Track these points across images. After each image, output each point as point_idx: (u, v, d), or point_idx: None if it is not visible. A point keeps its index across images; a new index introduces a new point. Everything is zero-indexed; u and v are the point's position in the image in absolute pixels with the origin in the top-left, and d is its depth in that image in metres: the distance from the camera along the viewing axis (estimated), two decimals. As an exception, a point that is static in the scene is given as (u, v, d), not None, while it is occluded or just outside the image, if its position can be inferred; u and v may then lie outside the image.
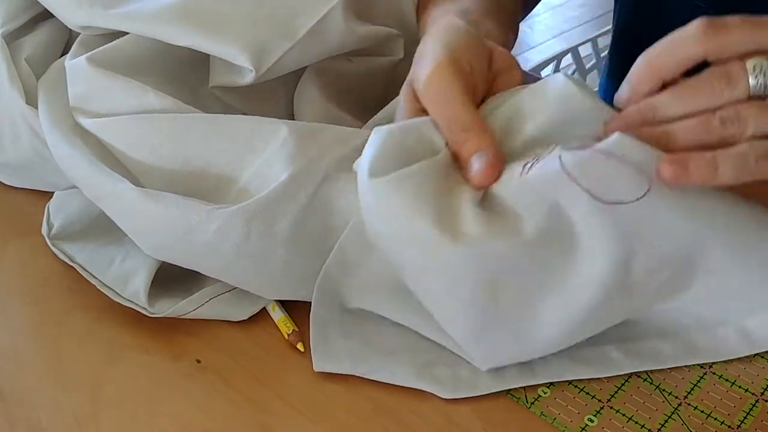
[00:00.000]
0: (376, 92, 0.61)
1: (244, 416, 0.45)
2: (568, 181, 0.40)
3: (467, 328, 0.44)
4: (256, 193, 0.46)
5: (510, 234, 0.41)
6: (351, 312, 0.49)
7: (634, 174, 0.40)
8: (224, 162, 0.48)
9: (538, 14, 2.81)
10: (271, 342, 0.49)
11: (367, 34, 0.57)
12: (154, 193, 0.47)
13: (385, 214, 0.42)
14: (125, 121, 0.50)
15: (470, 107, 0.44)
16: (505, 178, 0.43)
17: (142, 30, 0.53)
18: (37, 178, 0.60)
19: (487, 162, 0.43)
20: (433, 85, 0.45)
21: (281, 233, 0.46)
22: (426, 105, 0.45)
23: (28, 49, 0.59)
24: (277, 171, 0.46)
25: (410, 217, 0.41)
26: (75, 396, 0.47)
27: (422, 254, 0.42)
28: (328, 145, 0.48)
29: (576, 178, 0.40)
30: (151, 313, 0.49)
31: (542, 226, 0.41)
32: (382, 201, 0.42)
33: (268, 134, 0.48)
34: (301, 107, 0.57)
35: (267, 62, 0.52)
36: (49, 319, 0.52)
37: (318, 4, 0.54)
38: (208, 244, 0.46)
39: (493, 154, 0.43)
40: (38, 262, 0.54)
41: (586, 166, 0.40)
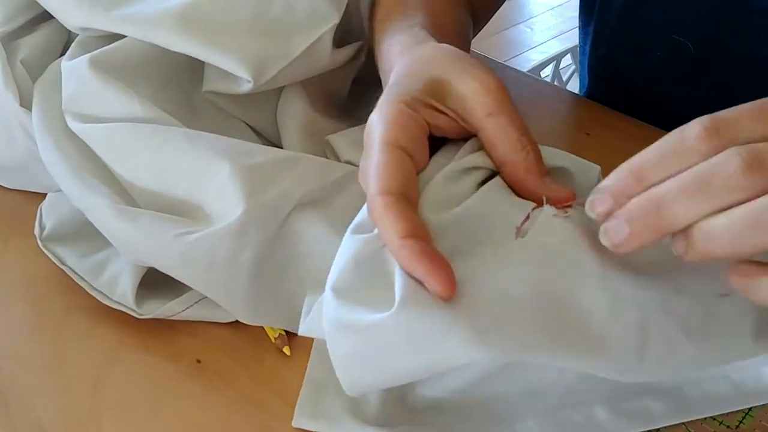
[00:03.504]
0: (346, 92, 0.62)
1: (243, 416, 0.45)
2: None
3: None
4: (217, 220, 0.46)
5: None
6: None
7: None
8: (189, 182, 0.48)
9: (538, 14, 2.81)
10: (271, 342, 0.49)
11: (346, 54, 0.59)
12: (128, 212, 0.48)
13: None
14: (109, 128, 0.50)
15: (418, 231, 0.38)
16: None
17: (142, 34, 0.53)
18: (31, 179, 0.60)
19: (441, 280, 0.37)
20: (378, 214, 0.39)
21: (246, 263, 0.46)
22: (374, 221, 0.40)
23: (25, 51, 0.59)
24: (233, 204, 0.46)
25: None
26: (75, 396, 0.47)
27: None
28: (305, 175, 0.48)
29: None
30: (140, 314, 0.49)
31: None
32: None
33: (209, 170, 0.48)
34: (285, 120, 0.58)
35: (265, 76, 0.53)
36: (49, 319, 0.52)
37: (314, 24, 0.55)
38: (176, 268, 0.47)
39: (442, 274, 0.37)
40: (38, 262, 0.54)
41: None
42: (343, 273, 0.39)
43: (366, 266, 0.39)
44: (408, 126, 0.42)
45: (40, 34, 0.61)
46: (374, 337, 0.37)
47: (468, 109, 0.44)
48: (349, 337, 0.38)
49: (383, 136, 0.41)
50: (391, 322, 0.36)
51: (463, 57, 0.47)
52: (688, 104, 0.69)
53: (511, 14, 2.78)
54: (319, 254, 0.48)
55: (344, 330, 0.38)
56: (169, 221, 0.47)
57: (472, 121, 0.44)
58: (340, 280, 0.39)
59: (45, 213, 0.57)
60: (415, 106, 0.43)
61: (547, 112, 0.49)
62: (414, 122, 0.43)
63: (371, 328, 0.37)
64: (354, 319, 0.37)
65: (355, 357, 0.38)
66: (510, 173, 0.43)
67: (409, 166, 0.41)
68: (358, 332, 0.37)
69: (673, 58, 0.68)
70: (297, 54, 0.54)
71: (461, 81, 0.44)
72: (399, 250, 0.37)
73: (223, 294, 0.48)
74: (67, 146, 0.52)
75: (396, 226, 0.38)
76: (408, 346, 0.36)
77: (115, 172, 0.51)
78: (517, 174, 0.43)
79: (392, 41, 0.52)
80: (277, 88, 0.57)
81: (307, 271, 0.48)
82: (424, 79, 0.45)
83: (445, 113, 0.44)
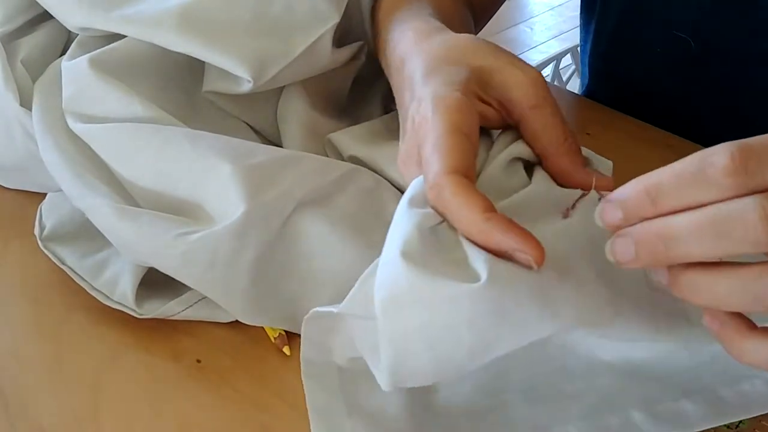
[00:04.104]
0: (346, 92, 0.62)
1: (244, 416, 0.45)
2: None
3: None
4: (218, 220, 0.46)
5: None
6: (349, 376, 0.44)
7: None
8: (190, 182, 0.48)
9: (538, 14, 2.81)
10: (271, 342, 0.49)
11: (346, 54, 0.58)
12: (129, 211, 0.48)
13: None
14: (110, 128, 0.50)
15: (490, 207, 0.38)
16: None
17: (142, 34, 0.53)
18: (31, 179, 0.60)
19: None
20: (448, 196, 0.38)
21: (247, 263, 0.46)
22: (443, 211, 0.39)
23: (25, 51, 0.59)
24: (234, 204, 0.46)
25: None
26: (75, 396, 0.47)
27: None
28: (305, 175, 0.48)
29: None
30: (140, 314, 0.49)
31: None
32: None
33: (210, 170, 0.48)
34: (285, 120, 0.58)
35: (265, 76, 0.53)
36: (49, 319, 0.52)
37: (314, 24, 0.55)
38: (177, 268, 0.47)
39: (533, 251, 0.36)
40: (38, 262, 0.54)
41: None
42: (409, 241, 0.37)
43: (428, 237, 0.38)
44: (469, 114, 0.42)
45: (40, 34, 0.61)
46: (455, 307, 0.35)
47: (512, 100, 0.44)
48: (419, 308, 0.35)
49: (448, 121, 0.41)
50: (480, 293, 0.35)
51: (499, 48, 0.47)
52: (689, 100, 0.69)
53: (511, 14, 2.78)
54: (321, 254, 0.48)
55: (413, 300, 0.35)
56: (170, 221, 0.47)
57: (515, 112, 0.44)
58: (409, 246, 0.37)
59: (45, 213, 0.57)
60: (468, 95, 0.43)
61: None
62: (472, 111, 0.42)
63: (455, 298, 0.35)
64: (433, 287, 0.35)
65: (419, 331, 0.35)
66: (554, 164, 0.43)
67: (472, 152, 0.41)
68: (435, 302, 0.35)
69: (673, 54, 0.68)
70: (297, 54, 0.54)
71: (505, 72, 0.44)
72: (484, 223, 0.36)
73: (224, 294, 0.48)
74: (67, 146, 0.52)
75: (475, 201, 0.37)
76: (491, 318, 0.35)
77: (116, 172, 0.51)
78: (561, 165, 0.43)
79: (405, 28, 0.52)
80: (277, 88, 0.57)
81: (308, 271, 0.48)
82: (467, 69, 0.45)
83: (489, 104, 0.44)
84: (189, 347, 0.49)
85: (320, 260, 0.48)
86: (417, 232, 0.37)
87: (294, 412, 0.45)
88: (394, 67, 0.52)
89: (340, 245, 0.48)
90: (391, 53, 0.53)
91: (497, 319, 0.35)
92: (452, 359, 0.36)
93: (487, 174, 0.43)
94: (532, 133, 0.44)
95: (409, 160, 0.43)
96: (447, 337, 0.35)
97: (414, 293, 0.35)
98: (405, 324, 0.36)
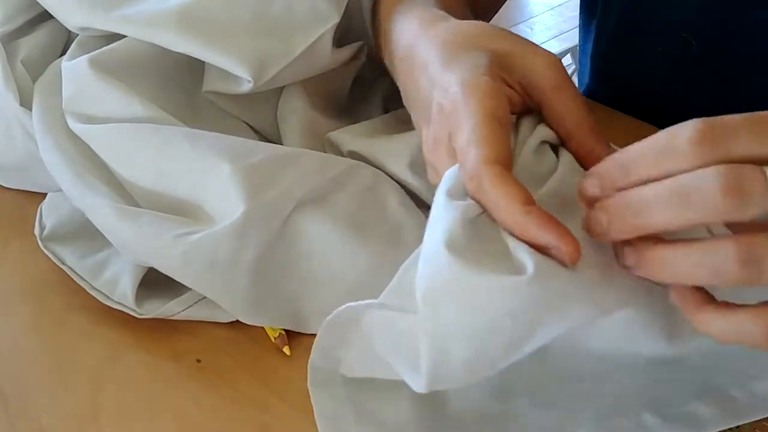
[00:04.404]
0: (346, 92, 0.62)
1: (244, 416, 0.45)
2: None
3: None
4: (218, 221, 0.46)
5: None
6: (356, 383, 0.43)
7: None
8: (190, 182, 0.48)
9: (538, 14, 2.81)
10: (271, 342, 0.49)
11: (346, 54, 0.58)
12: (129, 212, 0.48)
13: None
14: (109, 129, 0.50)
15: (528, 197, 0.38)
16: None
17: (142, 34, 0.53)
18: (31, 179, 0.60)
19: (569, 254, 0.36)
20: (489, 185, 0.38)
21: (247, 263, 0.46)
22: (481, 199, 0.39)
23: (25, 51, 0.59)
24: (233, 204, 0.46)
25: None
26: (75, 396, 0.47)
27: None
28: (305, 173, 0.48)
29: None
30: (140, 314, 0.49)
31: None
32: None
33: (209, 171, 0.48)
34: (285, 120, 0.58)
35: (265, 76, 0.53)
36: (49, 319, 0.52)
37: (314, 24, 0.55)
38: (177, 268, 0.47)
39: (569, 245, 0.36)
40: (38, 262, 0.54)
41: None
42: (453, 232, 0.36)
43: (472, 229, 0.37)
44: (500, 98, 0.42)
45: (40, 34, 0.61)
46: (500, 299, 0.35)
47: (534, 83, 0.44)
48: (463, 300, 0.35)
49: (482, 107, 0.40)
50: (528, 285, 0.35)
51: (510, 32, 0.47)
52: (689, 100, 0.69)
53: (511, 14, 2.78)
54: (321, 253, 0.48)
55: (458, 292, 0.35)
56: (170, 221, 0.47)
57: (537, 94, 0.44)
58: (452, 238, 0.36)
59: (45, 213, 0.57)
60: (495, 79, 0.43)
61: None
62: (502, 95, 0.42)
63: (501, 290, 0.35)
64: (478, 279, 0.35)
65: (462, 324, 0.35)
66: (581, 144, 0.43)
67: (507, 139, 0.40)
68: (480, 294, 0.35)
69: (674, 54, 0.68)
70: (297, 54, 0.54)
71: (524, 55, 0.44)
72: (525, 216, 0.36)
73: (224, 294, 0.48)
74: (67, 146, 0.52)
75: (515, 192, 0.37)
76: (536, 310, 0.35)
77: (116, 172, 0.51)
78: (587, 145, 0.43)
79: (409, 17, 0.52)
80: (277, 88, 0.57)
81: (308, 271, 0.48)
82: (487, 53, 0.44)
83: (513, 87, 0.44)
84: (189, 347, 0.49)
85: (320, 260, 0.48)
86: (459, 224, 0.37)
87: (294, 412, 0.45)
88: (399, 56, 0.51)
89: (341, 244, 0.48)
90: (395, 44, 0.52)
91: (541, 312, 0.35)
92: (490, 354, 0.36)
93: (519, 163, 0.42)
94: (557, 115, 0.44)
95: (438, 147, 0.43)
96: (489, 329, 0.35)
97: (458, 285, 0.35)
98: (447, 317, 0.35)
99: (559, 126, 0.44)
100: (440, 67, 0.45)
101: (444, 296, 0.36)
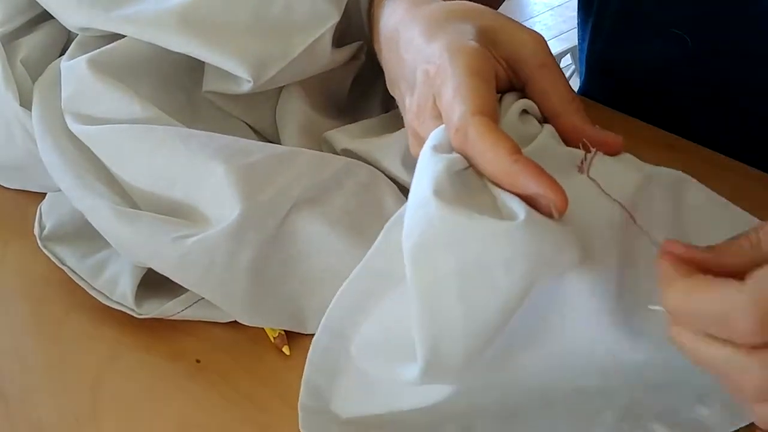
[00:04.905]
0: (346, 92, 0.62)
1: (244, 416, 0.45)
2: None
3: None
4: (215, 222, 0.46)
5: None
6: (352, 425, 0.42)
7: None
8: (185, 184, 0.48)
9: (538, 14, 2.81)
10: (271, 342, 0.49)
11: (346, 54, 0.58)
12: (128, 213, 0.48)
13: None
14: (106, 130, 0.50)
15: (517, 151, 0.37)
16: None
17: (142, 34, 0.53)
18: (30, 179, 0.60)
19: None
20: (479, 137, 0.38)
21: (244, 265, 0.46)
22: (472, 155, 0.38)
23: (25, 51, 0.59)
24: (229, 206, 0.46)
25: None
26: (75, 396, 0.47)
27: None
28: (301, 172, 0.48)
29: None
30: (139, 314, 0.49)
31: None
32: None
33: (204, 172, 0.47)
34: (284, 120, 0.58)
35: (265, 75, 0.53)
36: (49, 319, 0.52)
37: (313, 24, 0.55)
38: (174, 270, 0.47)
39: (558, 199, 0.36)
40: (38, 262, 0.54)
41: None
42: (440, 181, 0.35)
43: (458, 181, 0.37)
44: (487, 61, 0.41)
45: (40, 34, 0.61)
46: (493, 245, 0.34)
47: (520, 59, 0.44)
48: (455, 249, 0.34)
49: (468, 66, 0.40)
50: (520, 230, 0.34)
51: (498, 12, 0.47)
52: (686, 99, 0.69)
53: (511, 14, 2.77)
54: (318, 252, 0.48)
55: (448, 241, 0.34)
56: (167, 224, 0.47)
57: (524, 70, 0.44)
58: (441, 186, 0.35)
59: (45, 213, 0.57)
60: (483, 46, 0.42)
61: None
62: (490, 59, 0.42)
63: (493, 236, 0.34)
64: (471, 222, 0.34)
65: (453, 277, 0.34)
66: (566, 121, 0.43)
67: (494, 96, 0.40)
68: (474, 238, 0.34)
69: (670, 53, 0.68)
70: (297, 54, 0.54)
71: (511, 31, 0.44)
72: (512, 165, 0.36)
73: (222, 296, 0.48)
74: (67, 147, 0.52)
75: (503, 142, 0.36)
76: (529, 259, 0.34)
77: (114, 174, 0.51)
78: (574, 121, 0.43)
79: (398, 1, 0.51)
80: (276, 88, 0.57)
81: (307, 270, 0.48)
82: (475, 27, 0.44)
83: (499, 62, 0.44)
84: (189, 347, 0.49)
85: (318, 259, 0.48)
86: (446, 174, 0.36)
87: (294, 412, 0.45)
88: (385, 37, 0.51)
89: (338, 243, 0.48)
90: (382, 27, 0.52)
91: (533, 261, 0.34)
92: (486, 312, 0.34)
93: (504, 123, 0.42)
94: (542, 91, 0.44)
95: (423, 113, 0.43)
96: (481, 281, 0.34)
97: (448, 234, 0.34)
98: (437, 270, 0.34)
99: (544, 103, 0.44)
100: (425, 40, 0.45)
101: (433, 247, 0.34)
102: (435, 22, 0.45)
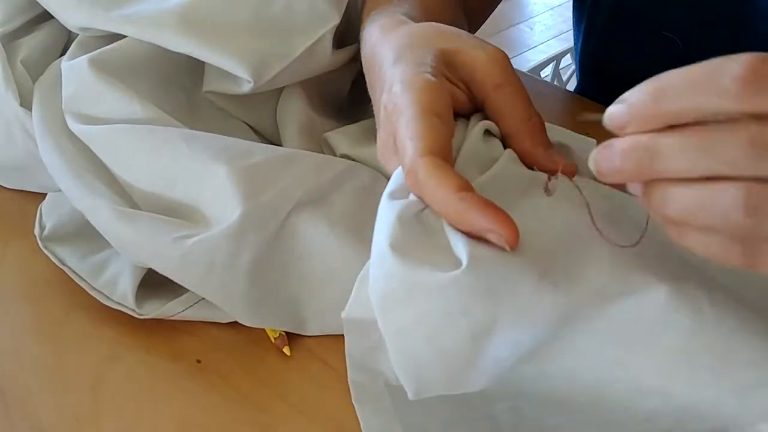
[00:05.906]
0: (346, 93, 0.63)
1: (244, 416, 0.45)
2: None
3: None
4: (216, 223, 0.46)
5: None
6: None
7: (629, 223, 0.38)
8: (187, 185, 0.48)
9: (538, 14, 2.81)
10: (271, 342, 0.49)
11: (346, 55, 0.59)
12: (128, 214, 0.48)
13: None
14: (107, 130, 0.50)
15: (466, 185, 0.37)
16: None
17: (142, 34, 0.53)
18: (31, 179, 0.60)
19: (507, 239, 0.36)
20: (425, 180, 0.38)
21: (245, 265, 0.46)
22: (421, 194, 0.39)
23: (25, 51, 0.59)
24: (231, 206, 0.46)
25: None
26: (75, 396, 0.47)
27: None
28: (303, 174, 0.48)
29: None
30: (140, 314, 0.49)
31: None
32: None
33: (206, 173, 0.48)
34: (285, 121, 0.58)
35: (265, 76, 0.53)
36: (49, 319, 0.52)
37: (314, 25, 0.55)
38: (175, 271, 0.47)
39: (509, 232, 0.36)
40: (38, 262, 0.54)
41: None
42: (394, 233, 0.36)
43: (412, 226, 0.37)
44: (440, 94, 0.42)
45: (40, 34, 0.61)
46: (445, 295, 0.34)
47: (476, 81, 0.44)
48: (413, 302, 0.35)
49: (418, 103, 0.40)
50: (464, 278, 0.34)
51: (462, 32, 0.47)
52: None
53: (511, 14, 2.78)
54: (319, 254, 0.48)
55: (408, 292, 0.35)
56: (168, 224, 0.47)
57: (480, 92, 0.44)
58: (395, 239, 0.36)
59: (45, 213, 0.57)
60: (437, 76, 0.43)
61: (547, 111, 0.49)
62: (442, 91, 0.42)
63: (444, 287, 0.34)
64: (423, 277, 0.35)
65: (418, 324, 0.35)
66: (517, 144, 0.43)
67: (446, 132, 0.40)
68: (427, 292, 0.34)
69: (661, 53, 0.68)
70: (297, 54, 0.54)
71: (469, 53, 0.44)
72: (458, 203, 0.36)
73: (222, 297, 0.48)
74: (67, 147, 0.52)
75: (450, 181, 0.37)
76: (483, 300, 0.34)
77: (115, 174, 0.51)
78: (524, 145, 0.43)
79: (374, 26, 0.52)
80: (277, 89, 0.57)
81: (307, 272, 0.48)
82: (433, 52, 0.44)
83: (457, 85, 0.44)
84: (189, 347, 0.49)
85: (319, 260, 0.48)
86: (398, 223, 0.37)
87: (294, 412, 0.45)
88: (367, 60, 0.51)
89: (339, 245, 0.48)
90: (364, 49, 0.52)
91: (489, 300, 0.34)
92: (456, 350, 0.35)
93: (467, 148, 0.42)
94: (497, 113, 0.44)
95: (387, 150, 0.43)
96: (445, 326, 0.34)
97: (407, 285, 0.35)
98: (404, 318, 0.35)
99: (499, 123, 0.44)
100: (390, 68, 0.45)
101: (396, 298, 0.35)
102: (401, 48, 0.46)
